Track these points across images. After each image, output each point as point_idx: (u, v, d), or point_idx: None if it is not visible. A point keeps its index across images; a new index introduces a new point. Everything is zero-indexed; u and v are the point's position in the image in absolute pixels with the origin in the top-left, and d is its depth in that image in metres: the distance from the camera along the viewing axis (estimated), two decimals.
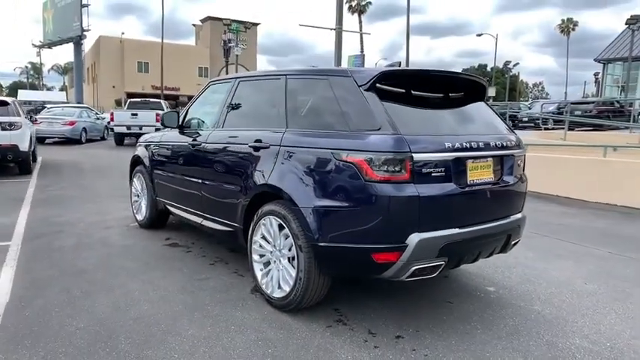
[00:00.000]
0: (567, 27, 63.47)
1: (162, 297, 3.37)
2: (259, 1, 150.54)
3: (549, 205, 7.31)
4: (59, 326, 2.90)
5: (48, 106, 21.87)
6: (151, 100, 19.62)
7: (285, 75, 3.40)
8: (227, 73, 31.42)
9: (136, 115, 16.69)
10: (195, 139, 4.10)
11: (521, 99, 57.26)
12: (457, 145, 2.78)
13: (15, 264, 4.03)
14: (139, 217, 5.34)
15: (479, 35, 41.13)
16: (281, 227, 3.11)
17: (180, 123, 4.46)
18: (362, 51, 49.73)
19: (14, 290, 3.47)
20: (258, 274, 3.33)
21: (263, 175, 3.22)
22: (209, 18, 48.88)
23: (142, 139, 5.49)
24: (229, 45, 27.43)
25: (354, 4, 49.99)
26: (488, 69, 65.23)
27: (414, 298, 3.44)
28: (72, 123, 17.17)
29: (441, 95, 3.20)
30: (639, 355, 2.71)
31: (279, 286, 3.14)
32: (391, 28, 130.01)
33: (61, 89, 72.83)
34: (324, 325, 2.97)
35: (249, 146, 3.40)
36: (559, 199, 7.71)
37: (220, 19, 47.49)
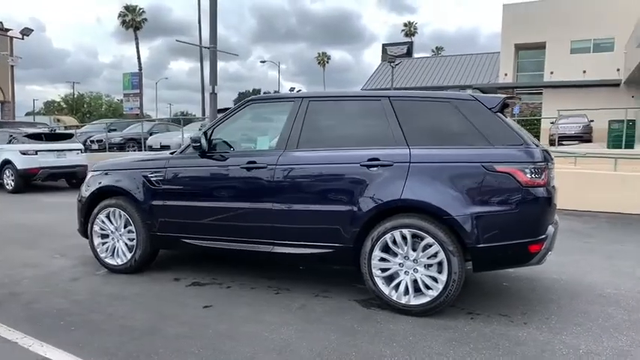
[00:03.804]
0: (323, 60, 73.80)
1: (294, 331, 3.13)
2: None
3: None
4: None
5: None
6: None
7: (388, 97, 3.63)
8: None
9: None
10: (253, 162, 3.81)
11: None
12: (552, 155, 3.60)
13: (21, 337, 2.98)
14: (115, 262, 4.40)
15: (263, 62, 44.23)
16: (415, 238, 3.35)
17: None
18: (140, 69, 47.12)
19: None
20: (384, 288, 3.44)
21: (390, 191, 3.38)
22: None
23: (115, 165, 4.54)
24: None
25: (128, 19, 46.80)
26: (262, 93, 70.05)
27: (480, 286, 4.08)
28: None
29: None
30: None
31: (418, 293, 3.36)
32: (153, 46, 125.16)
33: None
34: (468, 318, 3.36)
35: (362, 165, 3.49)
36: None
37: None
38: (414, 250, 3.37)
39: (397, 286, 3.43)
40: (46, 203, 9.50)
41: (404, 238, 3.38)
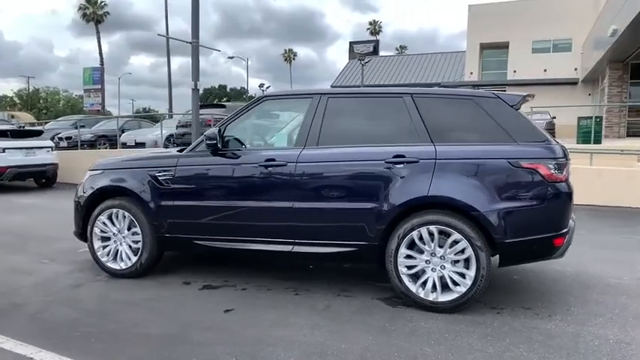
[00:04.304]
0: (289, 56, 73.47)
1: (328, 333, 3.06)
2: None
3: None
4: None
5: None
6: None
7: (410, 94, 3.60)
8: None
9: None
10: (272, 160, 3.70)
11: None
12: None
13: (36, 351, 2.77)
14: (118, 266, 4.19)
15: (230, 58, 43.49)
16: (441, 234, 3.35)
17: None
18: (102, 63, 45.33)
19: None
20: (411, 285, 3.42)
21: (417, 188, 3.36)
22: None
23: (116, 164, 4.32)
24: None
25: (89, 12, 44.85)
26: (228, 90, 69.01)
27: (493, 281, 4.13)
28: None
29: None
30: None
31: (445, 290, 3.36)
32: (112, 40, 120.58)
33: None
34: (494, 313, 3.39)
35: (387, 162, 3.45)
36: None
37: None
38: (441, 246, 3.38)
39: (424, 283, 3.42)
40: (17, 204, 8.96)
41: (431, 234, 3.37)
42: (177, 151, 4.30)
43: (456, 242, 3.32)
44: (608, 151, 9.78)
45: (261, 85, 45.19)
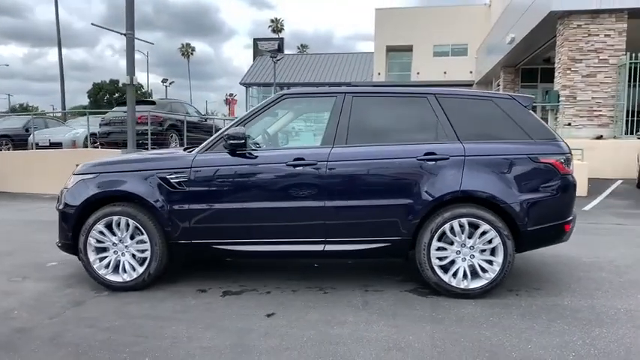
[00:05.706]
0: (187, 51, 70.49)
1: (388, 327, 3.14)
2: None
3: None
4: None
5: None
6: None
7: (434, 94, 3.78)
8: None
9: None
10: (301, 159, 3.64)
11: None
12: None
13: None
14: (121, 279, 3.82)
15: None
16: (471, 226, 3.59)
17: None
18: None
19: None
20: (443, 275, 3.62)
21: (449, 183, 3.56)
22: None
23: (112, 167, 3.90)
24: None
25: None
26: (121, 84, 64.23)
27: None
28: None
29: None
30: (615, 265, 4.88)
31: (474, 277, 3.61)
32: None
33: None
34: (514, 295, 3.72)
35: (419, 159, 3.60)
36: None
37: None
38: (470, 237, 3.61)
39: (455, 272, 3.63)
40: None
41: (461, 226, 3.59)
42: (184, 150, 4.02)
43: (484, 233, 3.58)
44: None
45: (164, 80, 42.72)
